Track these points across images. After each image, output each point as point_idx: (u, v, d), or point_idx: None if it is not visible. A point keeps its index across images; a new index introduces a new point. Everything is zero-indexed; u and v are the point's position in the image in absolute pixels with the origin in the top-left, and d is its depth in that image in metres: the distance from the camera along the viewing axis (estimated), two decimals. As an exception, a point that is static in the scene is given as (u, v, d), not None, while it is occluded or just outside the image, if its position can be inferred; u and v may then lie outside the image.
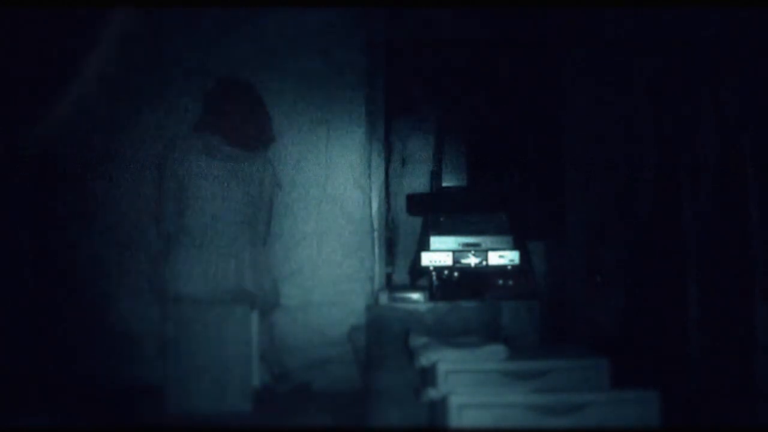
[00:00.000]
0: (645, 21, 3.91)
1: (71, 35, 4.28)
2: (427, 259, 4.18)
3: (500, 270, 4.16)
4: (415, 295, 3.99)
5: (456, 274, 4.16)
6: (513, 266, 4.16)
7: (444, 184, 4.47)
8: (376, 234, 4.45)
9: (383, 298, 4.02)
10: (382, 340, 3.82)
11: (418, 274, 4.33)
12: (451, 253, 4.18)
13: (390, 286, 4.67)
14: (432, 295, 4.09)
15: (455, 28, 4.73)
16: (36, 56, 4.24)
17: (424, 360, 3.17)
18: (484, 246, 4.19)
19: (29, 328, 4.16)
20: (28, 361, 4.12)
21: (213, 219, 3.88)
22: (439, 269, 4.16)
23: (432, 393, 3.01)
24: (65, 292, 4.20)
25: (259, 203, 4.03)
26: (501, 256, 4.17)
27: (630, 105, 4.12)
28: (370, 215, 4.40)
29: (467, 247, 4.19)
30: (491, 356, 3.14)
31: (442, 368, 3.04)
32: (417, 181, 5.24)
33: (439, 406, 2.92)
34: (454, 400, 2.79)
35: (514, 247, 4.20)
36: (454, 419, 2.78)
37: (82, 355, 4.16)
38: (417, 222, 4.79)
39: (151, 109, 4.27)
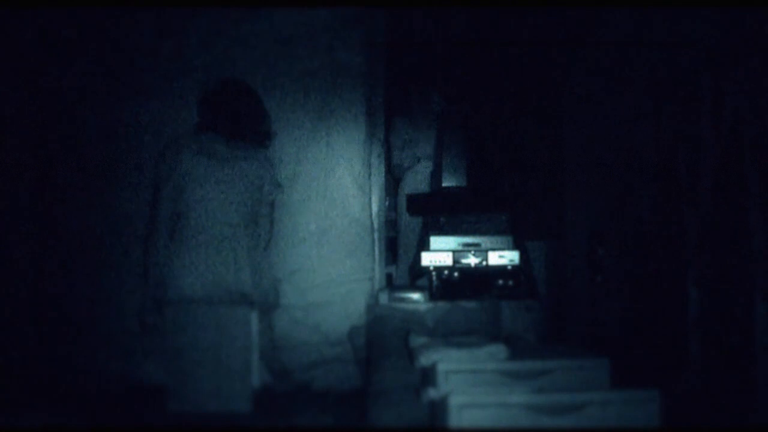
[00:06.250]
0: (645, 21, 3.91)
1: (70, 34, 4.29)
2: (427, 259, 4.17)
3: (500, 270, 4.15)
4: (415, 295, 3.99)
5: (456, 274, 4.16)
6: (513, 266, 4.16)
7: (444, 184, 4.46)
8: (376, 234, 4.45)
9: (383, 298, 4.02)
10: (382, 340, 3.83)
11: (418, 274, 4.33)
12: (451, 253, 4.17)
13: (390, 286, 4.67)
14: (432, 295, 4.09)
15: (455, 28, 4.74)
16: (34, 55, 4.25)
17: (424, 360, 3.18)
18: (484, 246, 4.19)
19: (29, 329, 4.17)
20: (28, 361, 4.12)
21: (212, 220, 3.87)
22: (439, 269, 4.16)
23: (432, 393, 3.01)
24: (65, 293, 4.21)
25: (259, 204, 4.02)
26: (501, 256, 4.17)
27: (630, 105, 4.12)
28: (370, 215, 4.40)
29: (467, 247, 4.19)
30: (491, 356, 3.14)
31: (442, 368, 3.04)
32: (417, 181, 5.24)
33: (439, 406, 2.92)
34: (454, 400, 2.79)
35: (514, 247, 4.20)
36: (454, 419, 2.78)
37: (82, 355, 4.16)
38: (417, 222, 4.78)
39: (149, 109, 4.27)
